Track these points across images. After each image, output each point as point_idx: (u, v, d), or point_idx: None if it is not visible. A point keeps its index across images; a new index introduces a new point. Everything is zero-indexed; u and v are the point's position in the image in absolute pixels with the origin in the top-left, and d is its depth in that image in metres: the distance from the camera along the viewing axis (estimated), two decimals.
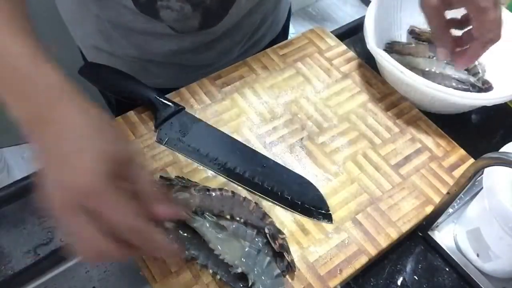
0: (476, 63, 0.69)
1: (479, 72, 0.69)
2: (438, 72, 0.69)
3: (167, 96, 0.63)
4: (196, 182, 0.54)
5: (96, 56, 0.73)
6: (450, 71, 0.69)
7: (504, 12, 0.70)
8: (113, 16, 0.64)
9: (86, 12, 0.66)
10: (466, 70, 0.70)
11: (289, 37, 0.86)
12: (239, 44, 0.74)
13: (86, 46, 0.74)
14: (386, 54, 0.63)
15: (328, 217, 0.53)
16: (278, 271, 0.48)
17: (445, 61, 0.71)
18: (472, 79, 0.68)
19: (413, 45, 0.73)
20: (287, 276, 0.49)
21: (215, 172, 0.56)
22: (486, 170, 0.47)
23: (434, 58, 0.72)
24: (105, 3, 0.62)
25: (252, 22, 0.72)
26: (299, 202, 0.54)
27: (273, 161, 0.57)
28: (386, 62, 0.62)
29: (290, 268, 0.49)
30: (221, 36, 0.69)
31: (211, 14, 0.63)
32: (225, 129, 0.61)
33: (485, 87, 0.67)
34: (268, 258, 0.49)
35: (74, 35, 0.74)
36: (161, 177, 0.54)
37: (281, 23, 0.82)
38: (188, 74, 0.70)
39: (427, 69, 0.69)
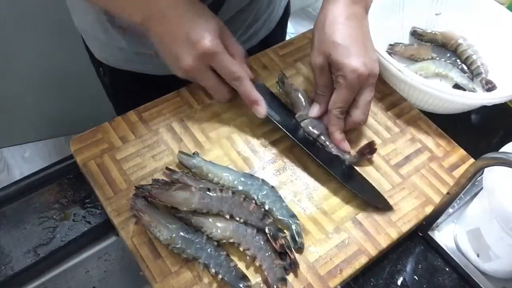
0: (479, 63, 0.70)
1: (482, 73, 0.69)
2: (444, 73, 0.69)
3: (167, 96, 0.63)
4: (201, 178, 0.54)
5: (93, 43, 0.75)
6: (455, 75, 0.69)
7: (505, 12, 0.70)
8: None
9: (88, 4, 0.67)
10: (468, 69, 0.71)
11: (288, 36, 0.87)
12: None
13: (84, 32, 0.76)
14: (386, 53, 0.63)
15: (388, 207, 0.55)
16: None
17: (449, 61, 0.71)
18: (471, 86, 0.68)
19: (416, 46, 0.73)
20: (290, 274, 0.49)
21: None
22: (486, 170, 0.47)
23: (437, 58, 0.72)
24: None
25: (243, 19, 0.73)
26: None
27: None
28: (386, 62, 0.62)
29: (293, 265, 0.49)
30: None
31: None
32: (225, 129, 0.61)
33: (488, 87, 0.67)
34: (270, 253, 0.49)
35: (75, 20, 0.76)
36: (167, 168, 0.55)
37: (275, 20, 0.82)
38: None
39: (436, 71, 0.70)
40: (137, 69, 0.74)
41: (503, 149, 0.48)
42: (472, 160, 0.61)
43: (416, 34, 0.74)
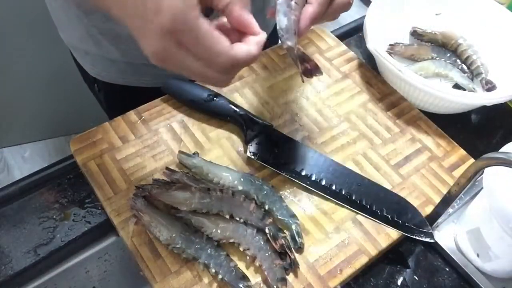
0: (479, 63, 0.70)
1: (482, 73, 0.69)
2: (444, 73, 0.69)
3: (167, 96, 0.63)
4: (201, 178, 0.54)
5: (85, 58, 0.73)
6: (455, 75, 0.69)
7: (505, 12, 0.70)
8: (98, 21, 0.64)
9: (74, 18, 0.66)
10: (468, 69, 0.71)
11: None
12: None
13: (75, 48, 0.74)
14: (386, 53, 0.63)
15: (429, 236, 0.53)
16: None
17: (449, 61, 0.71)
18: (471, 86, 0.68)
19: (416, 46, 0.73)
20: (290, 274, 0.49)
21: (307, 187, 0.56)
22: (486, 170, 0.47)
23: (437, 58, 0.72)
24: (90, 9, 0.62)
25: None
26: (400, 221, 0.54)
27: (368, 179, 0.57)
28: (386, 61, 0.62)
29: (293, 265, 0.49)
30: None
31: None
32: (225, 129, 0.61)
33: (488, 87, 0.67)
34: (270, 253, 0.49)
35: (63, 37, 0.74)
36: (167, 168, 0.55)
37: (271, 24, 0.82)
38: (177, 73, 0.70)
39: (436, 71, 0.70)
40: (132, 83, 0.72)
41: (503, 149, 0.48)
42: (472, 160, 0.61)
43: (416, 34, 0.74)
